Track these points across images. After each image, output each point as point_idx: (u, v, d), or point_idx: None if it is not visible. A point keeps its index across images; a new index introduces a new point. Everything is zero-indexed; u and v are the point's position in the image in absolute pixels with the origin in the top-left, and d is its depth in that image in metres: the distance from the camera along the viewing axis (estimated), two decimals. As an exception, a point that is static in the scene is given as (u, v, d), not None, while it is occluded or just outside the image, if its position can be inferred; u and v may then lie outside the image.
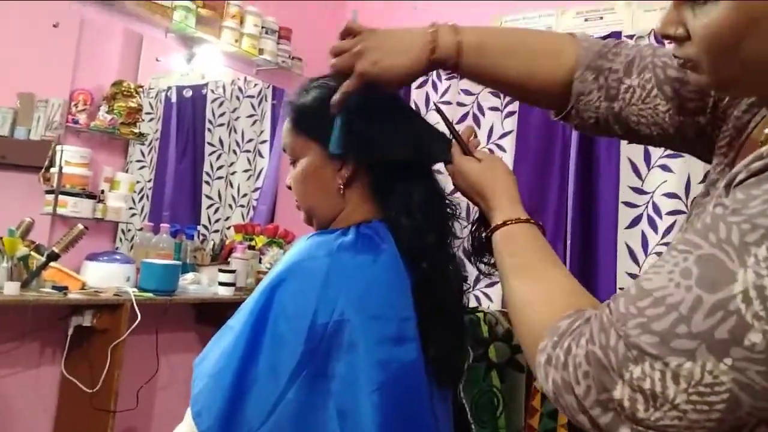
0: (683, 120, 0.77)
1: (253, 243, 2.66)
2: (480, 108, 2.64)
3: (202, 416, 0.79)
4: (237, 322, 0.84)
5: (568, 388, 0.54)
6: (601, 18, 2.48)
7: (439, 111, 0.94)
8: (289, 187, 0.97)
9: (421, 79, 2.79)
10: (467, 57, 0.83)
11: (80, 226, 1.95)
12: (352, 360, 0.78)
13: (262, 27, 2.72)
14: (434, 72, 2.74)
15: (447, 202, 0.94)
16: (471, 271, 0.95)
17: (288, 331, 0.79)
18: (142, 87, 2.34)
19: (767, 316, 0.45)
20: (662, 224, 2.15)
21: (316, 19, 3.10)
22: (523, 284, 0.68)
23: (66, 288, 1.91)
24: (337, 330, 0.78)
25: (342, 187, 0.90)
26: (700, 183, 2.11)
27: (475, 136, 0.91)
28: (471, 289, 0.98)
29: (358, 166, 0.89)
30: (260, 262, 2.61)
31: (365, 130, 0.87)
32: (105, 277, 2.07)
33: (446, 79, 2.72)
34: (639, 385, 0.49)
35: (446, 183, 0.95)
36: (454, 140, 0.89)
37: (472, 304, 2.38)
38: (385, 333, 0.80)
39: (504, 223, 0.77)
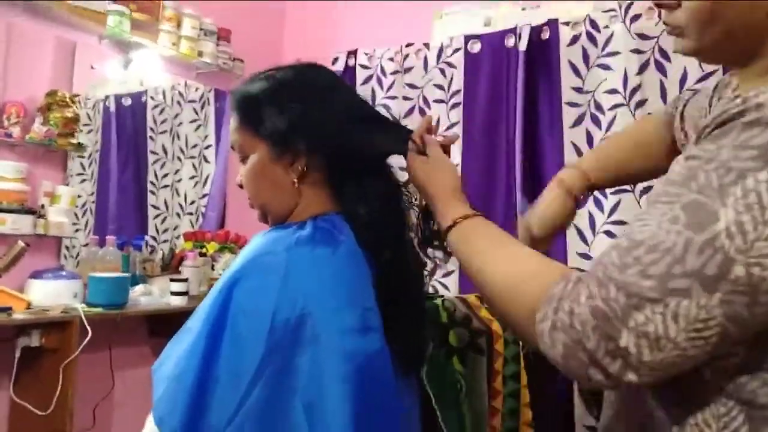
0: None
1: (204, 250, 2.61)
2: (425, 101, 2.66)
3: (164, 421, 0.77)
4: (195, 323, 0.82)
5: (578, 345, 0.56)
6: (538, 7, 2.53)
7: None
8: (241, 186, 0.95)
9: (365, 75, 2.80)
10: (597, 182, 0.99)
11: (21, 243, 1.88)
12: (316, 353, 0.77)
13: (200, 29, 2.67)
14: (379, 67, 2.76)
15: (403, 191, 0.94)
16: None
17: (248, 329, 0.77)
18: (77, 96, 2.26)
19: (747, 249, 0.50)
20: (608, 203, 2.21)
21: (255, 19, 3.07)
22: (499, 269, 0.70)
23: (10, 308, 1.84)
24: (300, 324, 0.77)
25: (296, 181, 0.88)
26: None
27: (434, 131, 0.92)
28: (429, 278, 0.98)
29: (311, 159, 0.88)
30: (213, 269, 2.56)
31: (319, 121, 0.86)
32: (51, 295, 2.00)
33: (391, 74, 2.73)
34: (643, 330, 0.52)
35: (402, 173, 0.95)
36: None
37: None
38: (347, 324, 0.79)
39: (454, 223, 0.79)
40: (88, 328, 1.91)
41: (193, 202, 2.82)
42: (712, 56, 0.70)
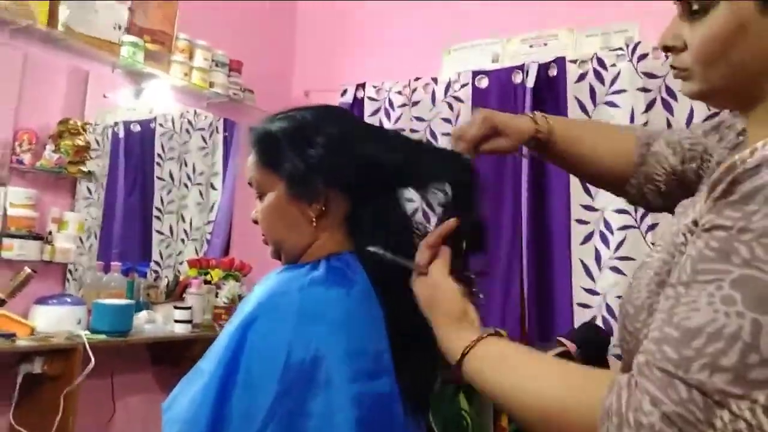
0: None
1: (208, 277, 2.60)
2: (433, 134, 2.68)
3: None
4: (208, 364, 0.82)
5: None
6: (545, 44, 2.57)
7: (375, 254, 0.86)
8: (255, 222, 0.95)
9: (373, 107, 2.83)
10: (557, 133, 0.95)
11: (27, 270, 1.88)
12: (329, 396, 0.76)
13: (212, 60, 2.71)
14: (387, 100, 2.79)
15: (415, 227, 0.94)
16: None
17: (261, 372, 0.77)
18: (89, 124, 2.29)
19: None
20: (614, 239, 2.21)
21: (267, 51, 3.11)
22: (534, 392, 0.62)
23: (14, 335, 1.83)
24: (312, 367, 0.77)
25: (314, 220, 0.88)
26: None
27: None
28: None
29: (329, 199, 0.88)
30: (217, 297, 2.55)
31: (338, 163, 0.86)
32: (55, 321, 1.99)
33: (399, 107, 2.76)
34: (733, 428, 0.47)
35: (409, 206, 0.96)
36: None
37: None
38: (360, 368, 0.79)
39: (464, 353, 0.71)
40: (91, 355, 1.90)
41: (198, 229, 2.83)
42: (718, 100, 0.69)
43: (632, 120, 2.20)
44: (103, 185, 2.47)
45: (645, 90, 2.22)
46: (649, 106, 2.21)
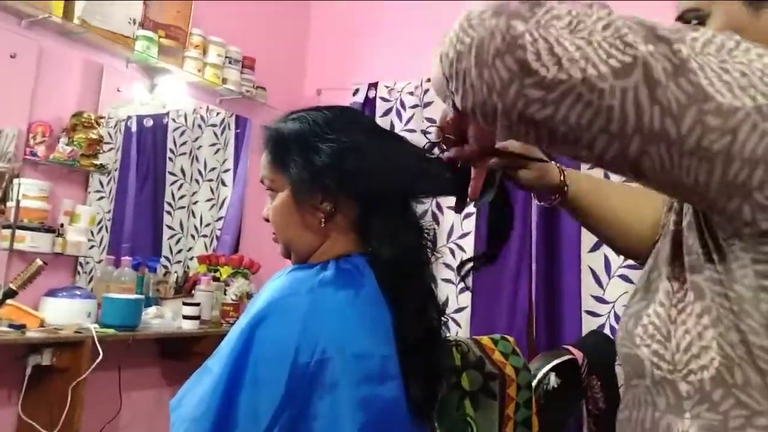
0: None
1: (217, 274, 2.61)
2: (444, 136, 2.67)
3: None
4: (216, 363, 0.82)
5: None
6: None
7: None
8: (266, 220, 0.95)
9: (385, 107, 2.83)
10: (582, 186, 0.89)
11: (39, 262, 1.88)
12: (334, 400, 0.77)
13: (226, 57, 2.71)
14: (399, 100, 2.79)
15: (424, 232, 0.93)
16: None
17: (269, 372, 0.77)
18: (103, 118, 2.30)
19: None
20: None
21: (280, 49, 3.12)
22: None
23: (24, 326, 1.85)
24: (319, 369, 0.77)
25: (323, 221, 0.89)
26: None
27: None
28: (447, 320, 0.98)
29: (339, 200, 0.88)
30: (225, 294, 2.56)
31: (349, 165, 0.86)
32: (65, 314, 2.01)
33: (410, 108, 2.75)
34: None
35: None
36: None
37: (441, 330, 2.39)
38: (366, 371, 0.79)
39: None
40: (100, 349, 1.91)
41: (208, 225, 2.84)
42: None
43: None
44: (115, 179, 2.48)
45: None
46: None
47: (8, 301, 1.84)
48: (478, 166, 0.81)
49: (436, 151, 0.85)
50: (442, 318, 0.95)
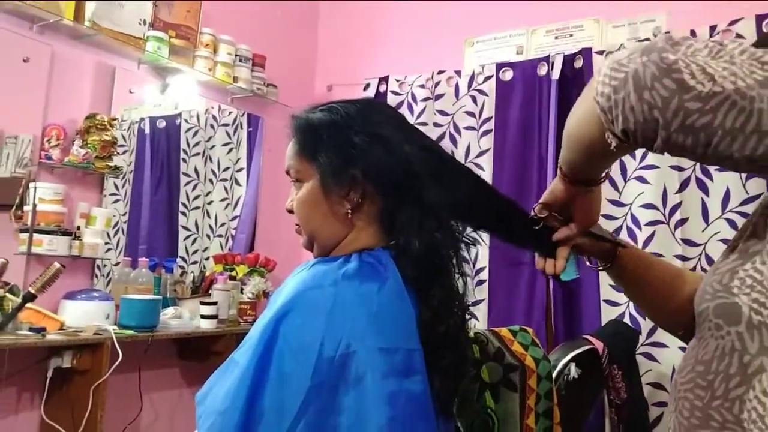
0: None
1: (233, 273, 2.62)
2: (456, 128, 2.66)
3: None
4: (241, 356, 0.82)
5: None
6: (571, 35, 2.53)
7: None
8: (290, 211, 0.94)
9: (396, 101, 2.81)
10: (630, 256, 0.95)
11: (57, 265, 1.90)
12: (360, 393, 0.76)
13: (236, 55, 2.71)
14: (410, 94, 2.77)
15: (454, 227, 0.92)
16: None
17: (294, 366, 0.77)
18: (116, 120, 2.31)
19: None
20: (641, 235, 2.17)
21: (289, 46, 3.11)
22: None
23: (44, 329, 1.86)
24: (344, 363, 0.76)
25: (350, 212, 0.88)
26: (675, 193, 2.14)
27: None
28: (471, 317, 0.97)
29: (367, 192, 0.87)
30: (242, 293, 2.57)
31: (377, 158, 0.86)
32: (84, 316, 2.02)
33: (422, 101, 2.74)
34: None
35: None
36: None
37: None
38: (392, 365, 0.78)
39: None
40: (119, 350, 1.92)
41: (223, 224, 2.84)
42: None
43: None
44: (130, 181, 2.49)
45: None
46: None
47: (28, 305, 1.86)
48: (568, 244, 0.91)
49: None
50: (466, 314, 0.94)
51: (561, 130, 2.51)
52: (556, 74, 2.41)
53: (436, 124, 2.70)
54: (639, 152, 2.22)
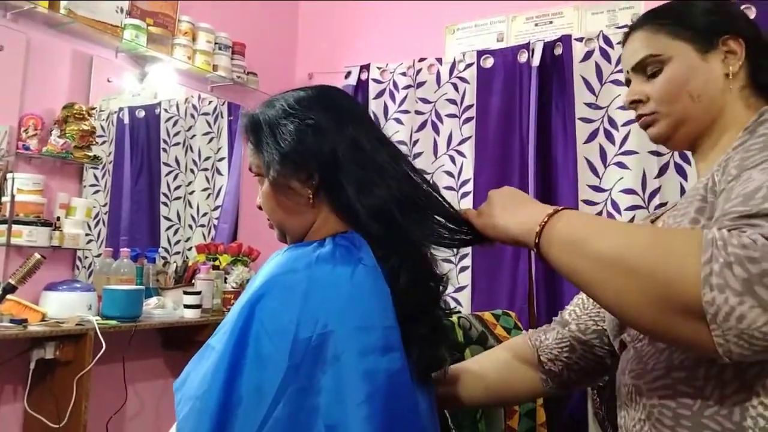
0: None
1: (217, 263, 2.61)
2: (438, 115, 2.66)
3: None
4: (218, 342, 0.82)
5: (761, 278, 0.53)
6: (551, 22, 2.54)
7: None
8: (260, 207, 0.96)
9: (378, 89, 2.81)
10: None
11: (37, 256, 1.87)
12: (338, 372, 0.77)
13: (215, 43, 2.69)
14: (391, 81, 2.77)
15: (416, 196, 0.91)
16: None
17: (271, 348, 0.77)
18: (94, 109, 2.28)
19: None
20: (622, 220, 2.21)
21: (269, 33, 3.09)
22: (630, 238, 0.64)
23: (25, 320, 1.84)
24: (321, 343, 0.77)
25: (311, 198, 0.89)
26: (655, 178, 2.18)
27: None
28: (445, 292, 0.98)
29: (322, 178, 0.88)
30: (225, 282, 2.56)
31: (323, 144, 0.87)
32: (66, 307, 2.00)
33: (403, 89, 2.74)
34: None
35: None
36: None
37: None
38: (369, 343, 0.79)
39: (552, 214, 0.75)
40: (102, 340, 1.91)
41: (205, 214, 2.83)
42: (680, 133, 0.87)
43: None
44: (110, 172, 2.47)
45: (653, 68, 2.20)
46: (658, 84, 2.19)
47: (8, 297, 1.83)
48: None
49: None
50: (441, 285, 0.94)
51: (541, 116, 2.52)
52: (536, 61, 2.42)
53: (417, 112, 2.71)
54: (618, 138, 2.25)
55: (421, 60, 2.72)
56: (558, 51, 2.41)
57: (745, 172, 0.66)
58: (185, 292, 2.30)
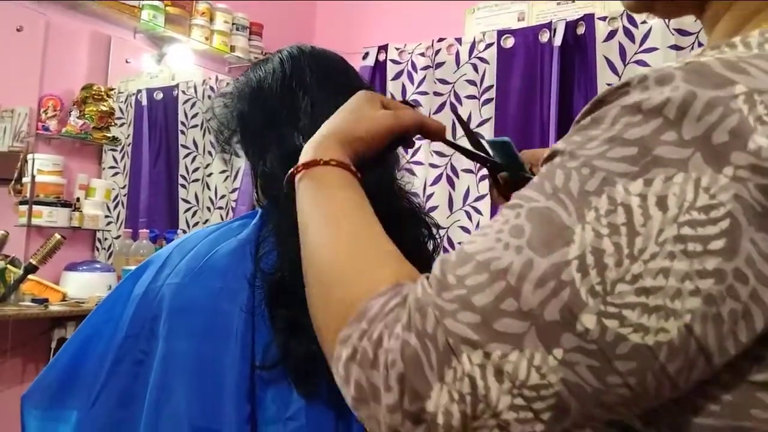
0: None
1: (234, 244, 2.61)
2: (457, 97, 2.63)
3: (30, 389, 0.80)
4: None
5: (376, 394, 0.39)
6: (573, 1, 2.49)
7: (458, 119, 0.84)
8: None
9: (396, 70, 2.78)
10: None
11: (57, 236, 1.90)
12: (159, 347, 0.74)
13: (233, 23, 2.68)
14: (410, 62, 2.74)
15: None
16: None
17: (122, 317, 0.78)
18: (113, 90, 2.28)
19: (604, 292, 0.35)
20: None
21: (287, 14, 3.07)
22: (337, 240, 0.50)
23: (46, 300, 1.86)
24: (155, 317, 0.76)
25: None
26: None
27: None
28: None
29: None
30: (243, 263, 2.56)
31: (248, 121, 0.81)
32: (86, 287, 2.02)
33: (422, 69, 2.71)
34: (459, 390, 0.36)
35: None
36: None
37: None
38: (193, 327, 0.74)
39: (314, 162, 0.55)
40: (122, 320, 1.93)
41: (223, 197, 2.83)
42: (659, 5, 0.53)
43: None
44: (129, 154, 2.47)
45: (677, 48, 2.14)
46: (683, 64, 2.14)
47: (29, 277, 1.86)
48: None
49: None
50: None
51: (562, 97, 2.47)
52: (558, 41, 2.37)
53: (436, 93, 2.68)
54: (638, 37, 2.20)
55: (440, 40, 2.69)
56: (580, 30, 2.36)
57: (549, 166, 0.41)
58: (203, 274, 2.31)
